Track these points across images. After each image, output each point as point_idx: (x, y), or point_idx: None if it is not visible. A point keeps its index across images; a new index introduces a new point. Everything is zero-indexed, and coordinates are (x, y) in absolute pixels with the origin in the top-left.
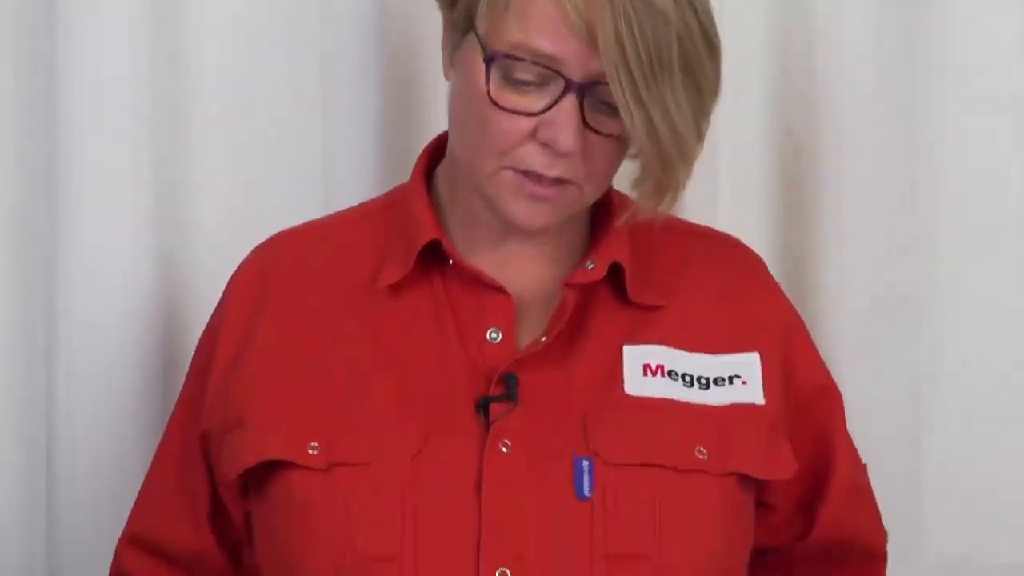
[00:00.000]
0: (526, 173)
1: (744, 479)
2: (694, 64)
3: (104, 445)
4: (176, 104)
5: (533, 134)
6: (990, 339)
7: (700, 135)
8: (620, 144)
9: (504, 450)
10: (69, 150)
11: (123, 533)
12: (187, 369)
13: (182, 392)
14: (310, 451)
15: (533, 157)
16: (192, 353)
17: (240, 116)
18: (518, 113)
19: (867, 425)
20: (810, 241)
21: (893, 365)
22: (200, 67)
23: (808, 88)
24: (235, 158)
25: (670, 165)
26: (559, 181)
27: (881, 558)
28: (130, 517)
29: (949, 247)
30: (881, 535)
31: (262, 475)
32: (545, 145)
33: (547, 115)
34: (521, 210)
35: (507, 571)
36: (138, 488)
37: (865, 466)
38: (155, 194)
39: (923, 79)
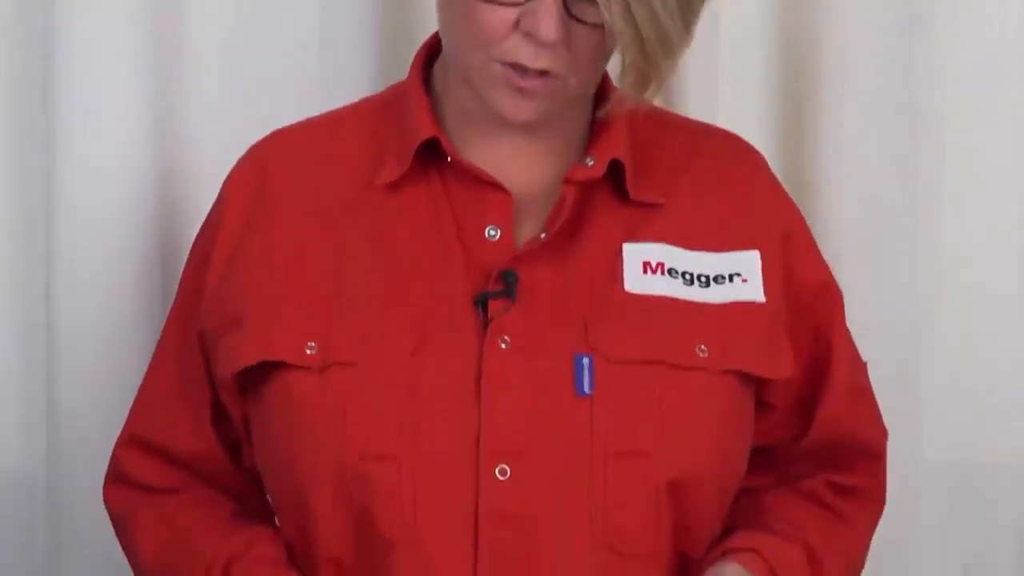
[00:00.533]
0: (513, 66)
1: (744, 377)
2: None
3: (103, 350)
4: (175, 20)
5: (517, 25)
6: (987, 246)
7: (685, 27)
8: (605, 34)
9: (503, 347)
10: (69, 68)
11: (122, 434)
12: (183, 269)
13: (179, 292)
14: (307, 351)
15: (518, 49)
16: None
17: (237, 30)
18: (501, 3)
19: (866, 327)
20: (809, 154)
21: (892, 268)
22: None
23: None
24: (232, 71)
25: (650, 54)
26: (544, 74)
27: (880, 457)
28: (129, 418)
29: (950, 161)
30: (881, 434)
31: (259, 376)
32: (529, 35)
33: (530, 4)
34: (508, 103)
35: (507, 468)
36: (137, 388)
37: (865, 364)
38: (154, 112)
39: None
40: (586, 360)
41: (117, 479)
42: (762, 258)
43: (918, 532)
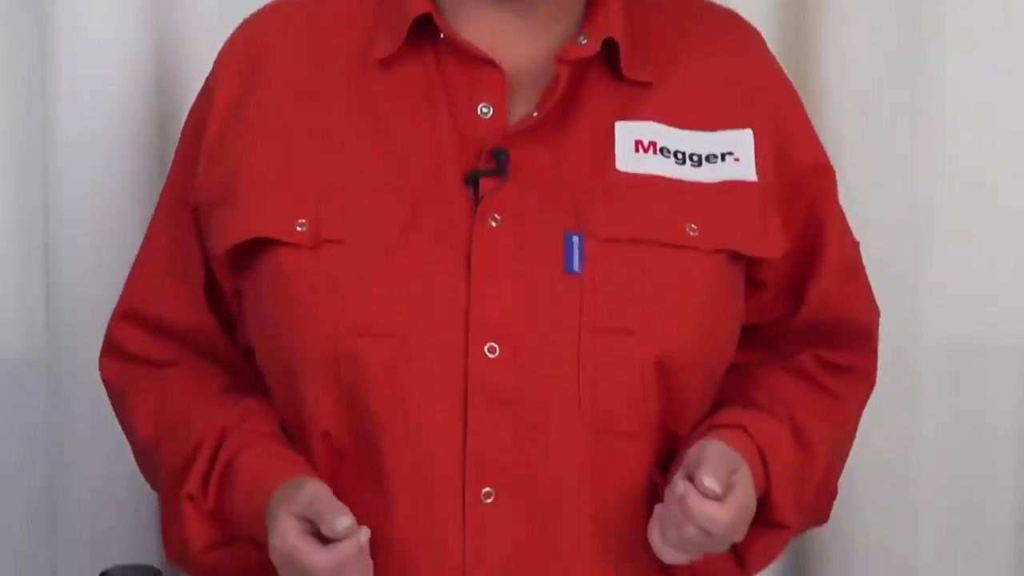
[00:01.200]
0: None
1: (735, 256)
2: None
3: (101, 229)
4: None
5: None
6: (989, 131)
7: None
8: None
9: (493, 224)
10: None
11: (116, 309)
12: (177, 143)
13: (172, 167)
14: (298, 228)
15: None
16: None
17: None
18: None
19: (866, 213)
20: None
21: (893, 147)
22: None
23: None
24: None
25: None
26: None
27: (871, 336)
28: (124, 293)
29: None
30: (872, 313)
31: (251, 252)
32: None
33: None
34: None
35: (495, 345)
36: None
37: (857, 244)
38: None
39: None
40: (576, 238)
41: (112, 352)
42: (755, 137)
43: (917, 416)
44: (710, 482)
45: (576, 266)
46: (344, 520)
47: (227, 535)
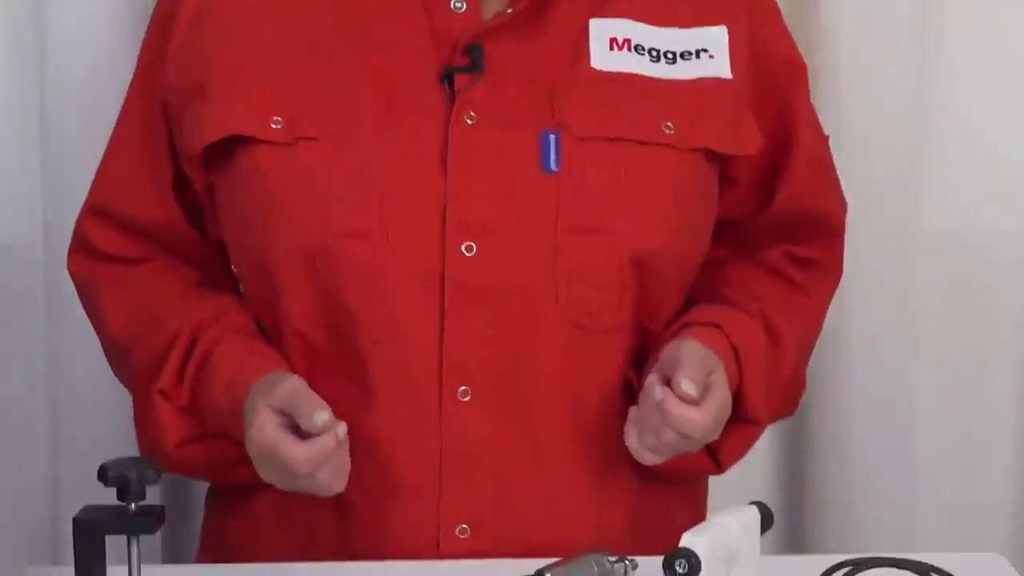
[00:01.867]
0: None
1: (710, 154)
2: None
3: (97, 110)
4: None
5: None
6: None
7: None
8: None
9: (469, 122)
10: None
11: (85, 205)
12: (144, 36)
13: (140, 60)
14: (273, 125)
15: None
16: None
17: None
18: None
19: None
20: None
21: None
22: None
23: None
24: None
25: None
26: None
27: (839, 230)
28: (92, 189)
29: None
30: (840, 208)
31: (225, 150)
32: None
33: None
34: None
35: (472, 244)
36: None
37: (827, 138)
38: None
39: None
40: (552, 136)
41: (81, 249)
42: (729, 33)
43: (919, 304)
44: (688, 386)
45: (553, 164)
46: (322, 415)
47: (201, 431)
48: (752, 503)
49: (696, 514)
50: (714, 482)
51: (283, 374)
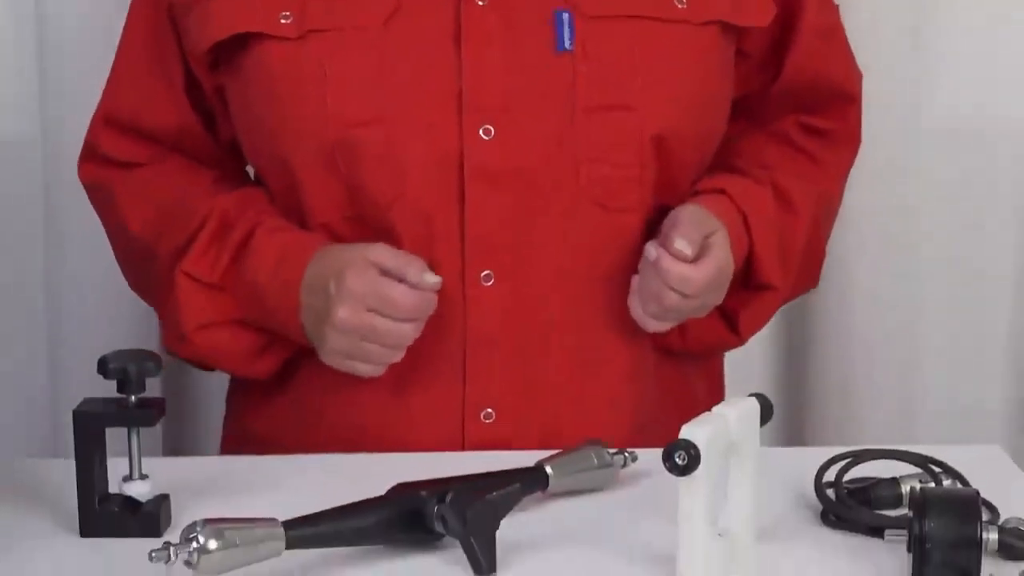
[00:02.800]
0: None
1: (725, 27)
2: None
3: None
4: None
5: None
6: None
7: None
8: None
9: (480, 3)
10: None
11: (96, 114)
12: None
13: None
14: (282, 20)
15: None
16: None
17: None
18: None
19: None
20: None
21: None
22: None
23: None
24: None
25: None
26: None
27: (854, 98)
28: (103, 98)
29: None
30: (854, 75)
31: (234, 48)
32: None
33: None
34: None
35: (490, 127)
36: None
37: (836, 6)
38: None
39: None
40: (565, 15)
41: (91, 157)
42: None
43: (921, 198)
44: (681, 244)
45: (567, 43)
46: (433, 276)
47: (226, 314)
48: (752, 395)
49: (715, 392)
50: None
51: (358, 243)
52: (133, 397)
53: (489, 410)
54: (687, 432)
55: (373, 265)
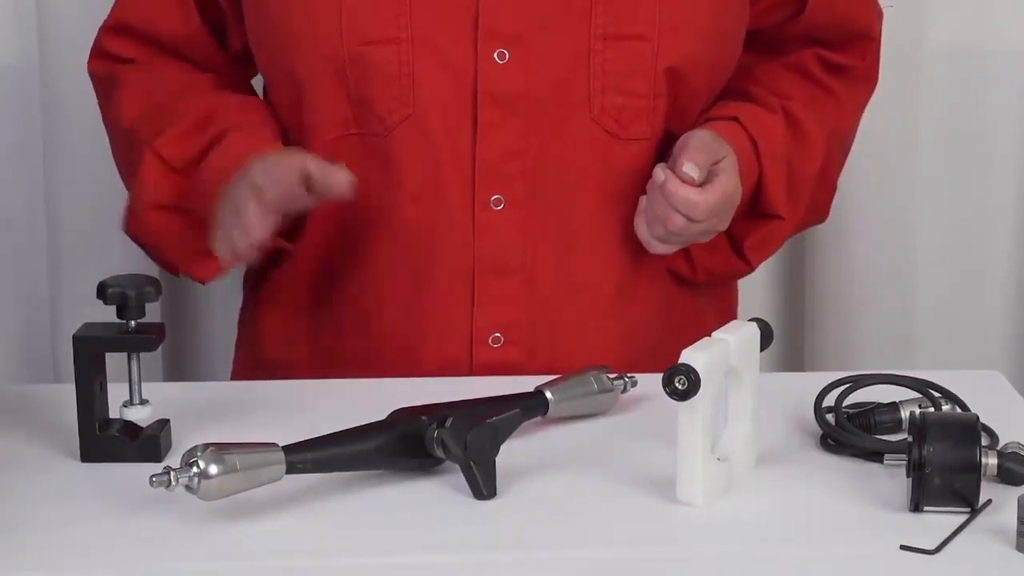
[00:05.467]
0: None
1: None
2: None
3: None
4: None
5: None
6: None
7: None
8: None
9: None
10: None
11: (106, 22)
12: None
13: None
14: None
15: None
16: None
17: None
18: None
19: None
20: None
21: None
22: None
23: None
24: None
25: None
26: None
27: (873, 37)
28: (114, 7)
29: None
30: (874, 13)
31: None
32: None
33: None
34: None
35: (505, 52)
36: None
37: None
38: None
39: None
40: None
41: (100, 55)
42: None
43: (921, 127)
44: (689, 167)
45: None
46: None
47: (181, 200)
48: (752, 320)
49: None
50: None
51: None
52: (133, 322)
53: (497, 334)
54: (687, 357)
55: (298, 171)
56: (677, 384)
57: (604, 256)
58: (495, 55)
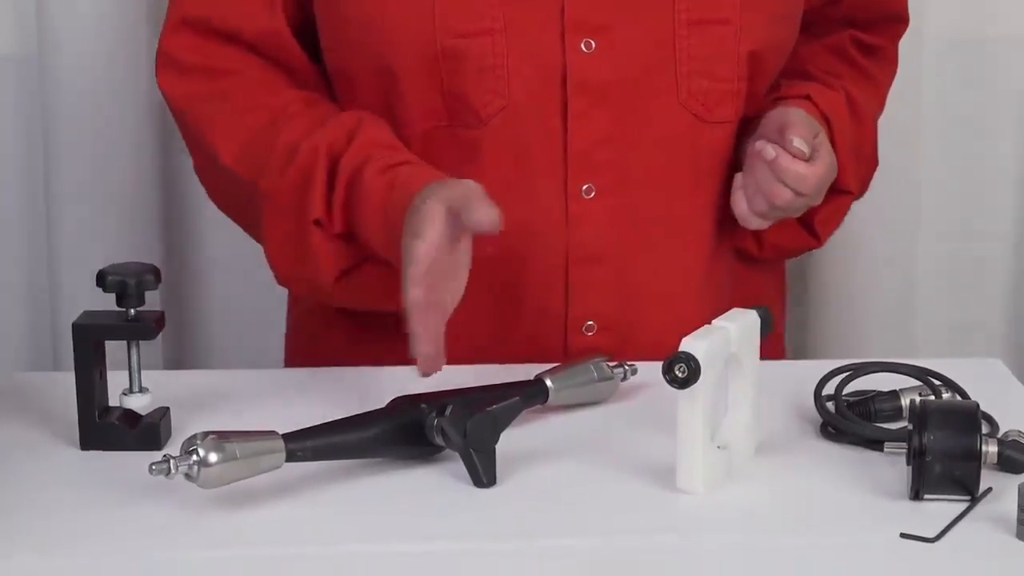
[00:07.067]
0: None
1: None
2: None
3: None
4: None
5: None
6: None
7: None
8: None
9: None
10: None
11: (170, 17)
12: None
13: None
14: None
15: None
16: None
17: None
18: None
19: None
20: None
21: None
22: None
23: None
24: None
25: None
26: None
27: (904, 20)
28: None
29: None
30: (905, 2)
31: None
32: None
33: None
34: None
35: (592, 41)
36: None
37: None
38: None
39: None
40: None
41: (169, 67)
42: None
43: (920, 111)
44: (799, 143)
45: None
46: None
47: (357, 258)
48: (752, 307)
49: (781, 295)
50: None
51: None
52: (132, 310)
53: (590, 322)
54: (687, 345)
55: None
56: (677, 372)
57: (692, 239)
58: (582, 45)
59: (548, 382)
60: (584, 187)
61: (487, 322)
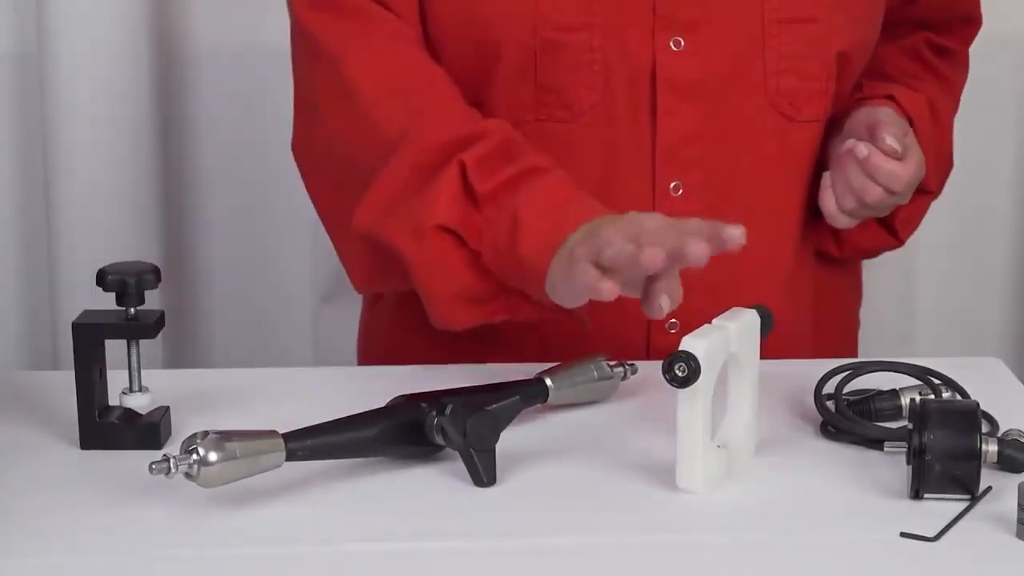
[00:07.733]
0: None
1: None
2: None
3: None
4: None
5: None
6: None
7: None
8: None
9: None
10: None
11: None
12: None
13: None
14: None
15: None
16: None
17: None
18: None
19: None
20: None
21: None
22: None
23: None
24: None
25: None
26: None
27: (978, 22)
28: None
29: None
30: (978, 4)
31: None
32: None
33: None
34: None
35: (680, 40)
36: None
37: None
38: None
39: None
40: None
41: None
42: None
43: None
44: (892, 141)
45: None
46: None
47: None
48: (753, 306)
49: (857, 297)
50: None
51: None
52: (132, 309)
53: (674, 320)
54: (687, 344)
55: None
56: (677, 371)
57: (778, 238)
58: (671, 43)
59: (548, 381)
60: (672, 184)
61: (572, 320)
